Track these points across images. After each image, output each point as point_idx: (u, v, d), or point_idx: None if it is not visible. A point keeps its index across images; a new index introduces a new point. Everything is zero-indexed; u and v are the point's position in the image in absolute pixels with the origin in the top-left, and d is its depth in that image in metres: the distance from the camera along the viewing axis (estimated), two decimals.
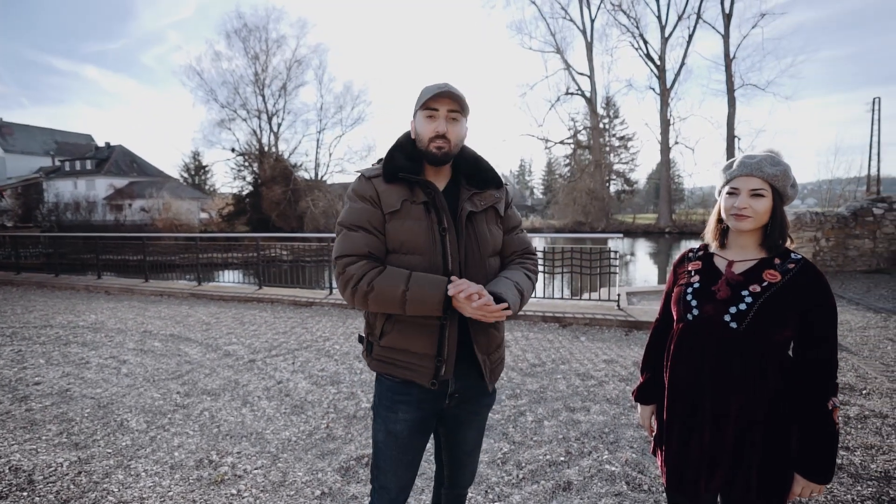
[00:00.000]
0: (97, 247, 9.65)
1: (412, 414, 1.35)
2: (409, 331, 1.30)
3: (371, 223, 1.30)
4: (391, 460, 1.37)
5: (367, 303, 1.25)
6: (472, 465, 1.53)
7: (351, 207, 1.33)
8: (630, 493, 2.24)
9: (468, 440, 1.48)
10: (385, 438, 1.37)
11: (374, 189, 1.32)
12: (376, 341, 1.36)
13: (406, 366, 1.32)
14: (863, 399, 3.26)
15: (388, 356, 1.34)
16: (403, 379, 1.33)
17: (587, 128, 37.90)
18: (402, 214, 1.30)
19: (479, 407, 1.45)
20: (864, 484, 2.27)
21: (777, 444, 1.20)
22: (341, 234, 1.32)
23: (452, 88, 1.30)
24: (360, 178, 1.36)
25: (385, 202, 1.30)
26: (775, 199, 1.23)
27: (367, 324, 1.41)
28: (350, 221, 1.31)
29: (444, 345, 1.29)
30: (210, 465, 2.54)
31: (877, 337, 4.71)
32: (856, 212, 9.06)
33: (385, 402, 1.37)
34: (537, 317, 5.62)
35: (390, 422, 1.36)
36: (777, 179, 1.21)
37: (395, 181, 1.32)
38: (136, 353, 4.57)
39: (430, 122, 1.31)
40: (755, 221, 1.23)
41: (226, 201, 39.56)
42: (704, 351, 1.25)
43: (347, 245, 1.29)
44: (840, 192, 27.39)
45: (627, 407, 3.19)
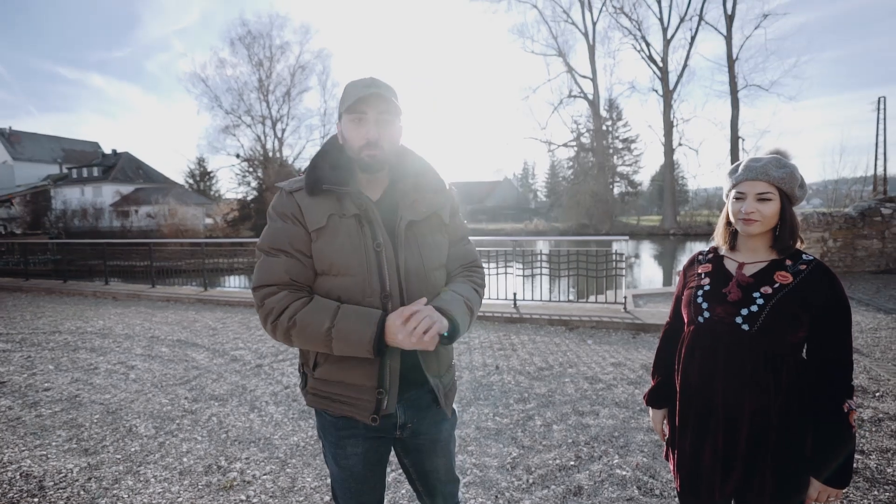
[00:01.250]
0: (105, 253, 9.73)
1: (361, 447, 1.23)
2: (346, 361, 1.15)
3: (293, 245, 1.14)
4: (349, 493, 1.27)
5: (291, 339, 1.11)
6: (450, 490, 1.40)
7: (270, 228, 1.17)
8: (642, 497, 2.22)
9: (438, 468, 1.35)
10: (339, 473, 1.26)
11: (297, 204, 1.16)
12: (310, 373, 1.21)
13: (343, 400, 1.18)
14: (876, 401, 3.21)
15: (323, 390, 1.20)
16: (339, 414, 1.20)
17: (590, 130, 37.90)
18: (330, 231, 1.14)
19: (437, 433, 1.31)
20: (881, 489, 2.23)
21: (791, 448, 1.19)
22: (260, 259, 1.17)
23: (381, 87, 1.15)
24: (279, 192, 1.20)
25: (309, 219, 1.14)
26: (783, 201, 1.22)
27: (301, 353, 1.26)
28: (269, 245, 1.15)
29: (384, 375, 1.15)
30: (219, 470, 2.54)
31: (888, 338, 4.66)
32: (863, 212, 8.98)
33: (330, 437, 1.24)
34: (543, 320, 5.60)
35: (340, 458, 1.24)
36: (783, 182, 1.20)
37: (320, 193, 1.16)
38: (144, 359, 4.59)
39: (358, 127, 1.16)
40: (763, 225, 1.22)
41: (230, 207, 39.79)
42: (716, 353, 1.23)
43: (266, 273, 1.14)
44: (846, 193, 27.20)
45: (637, 410, 3.16)
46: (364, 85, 1.15)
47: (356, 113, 1.15)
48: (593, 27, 35.29)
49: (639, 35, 34.29)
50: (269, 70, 37.40)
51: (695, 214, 36.87)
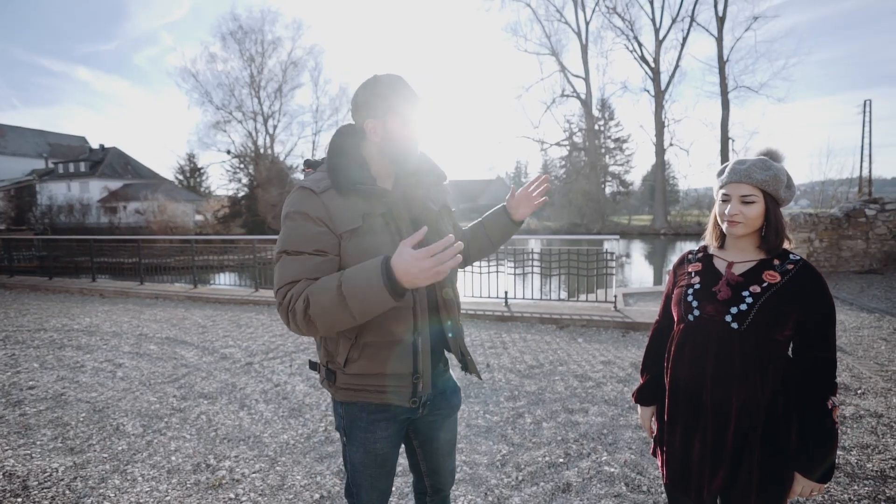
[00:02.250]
0: (91, 249, 9.58)
1: (391, 430, 1.29)
2: (380, 353, 1.19)
3: (317, 246, 1.13)
4: (371, 478, 1.33)
5: (312, 322, 1.07)
6: (450, 467, 1.49)
7: (292, 229, 1.14)
8: (629, 494, 2.24)
9: (443, 445, 1.43)
10: (364, 459, 1.31)
11: (324, 206, 1.14)
12: (340, 370, 1.23)
13: (381, 390, 1.23)
14: (858, 399, 3.28)
15: (357, 384, 1.23)
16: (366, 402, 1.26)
17: (582, 130, 38.06)
18: (365, 230, 1.16)
19: (449, 410, 1.41)
20: (861, 483, 2.28)
21: (776, 444, 1.21)
22: (282, 259, 1.14)
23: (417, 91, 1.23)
24: (304, 191, 1.17)
25: (340, 220, 1.14)
26: (768, 203, 1.23)
27: (324, 350, 1.26)
28: (293, 245, 1.13)
29: (418, 360, 1.21)
30: (208, 469, 2.52)
31: (871, 337, 4.75)
32: (849, 213, 9.14)
33: (361, 423, 1.28)
34: (534, 318, 5.63)
35: (369, 442, 1.28)
36: (767, 184, 1.22)
37: (350, 194, 1.17)
38: (132, 357, 4.54)
39: (411, 128, 1.22)
40: (746, 227, 1.24)
41: (221, 203, 39.39)
42: (706, 351, 1.25)
43: (287, 273, 1.12)
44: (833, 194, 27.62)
45: (626, 408, 3.19)
46: (411, 91, 1.22)
47: (409, 117, 1.21)
48: (586, 27, 35.43)
49: (631, 35, 34.51)
50: (261, 66, 37.04)
51: (685, 214, 37.19)
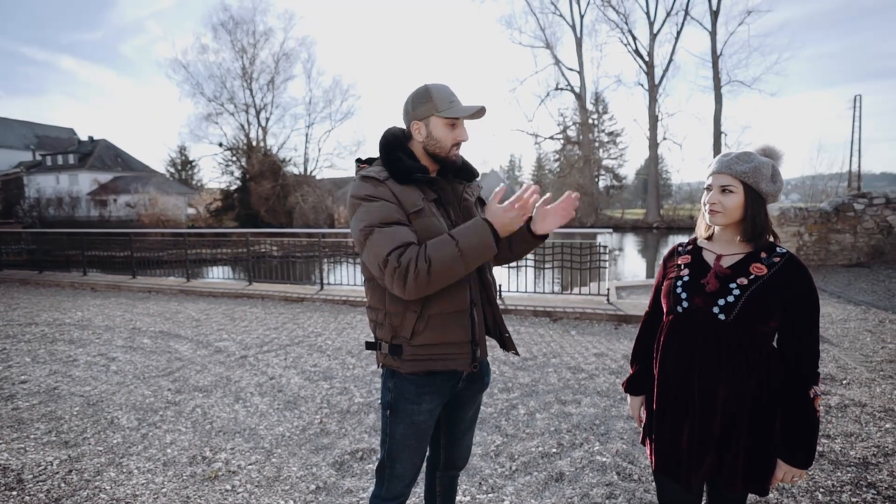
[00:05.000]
0: (82, 243, 9.48)
1: (435, 402, 1.41)
2: (445, 323, 1.34)
3: (400, 217, 1.30)
4: (410, 449, 1.42)
5: (430, 280, 1.22)
6: (468, 441, 1.62)
7: (372, 207, 1.29)
8: (621, 482, 2.29)
9: (466, 419, 1.57)
10: (406, 430, 1.41)
11: (390, 191, 1.32)
12: (406, 342, 1.35)
13: (445, 357, 1.36)
14: (843, 389, 3.36)
15: (424, 353, 1.35)
16: (432, 371, 1.37)
17: (576, 123, 38.05)
18: (425, 213, 1.33)
19: (480, 386, 1.54)
20: (844, 470, 2.35)
21: (761, 432, 1.25)
22: (374, 233, 1.26)
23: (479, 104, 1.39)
24: (370, 180, 1.33)
25: (406, 203, 1.32)
26: (747, 195, 1.26)
27: (389, 327, 1.36)
28: (381, 219, 1.27)
29: (475, 328, 1.38)
30: (203, 461, 2.54)
31: (857, 329, 4.85)
32: (837, 207, 9.25)
33: (408, 395, 1.39)
34: (528, 311, 5.67)
35: (415, 414, 1.39)
36: (747, 176, 1.24)
37: (408, 182, 1.34)
38: (125, 351, 4.52)
39: (452, 130, 1.38)
40: (725, 217, 1.28)
41: (213, 197, 39.05)
42: (694, 342, 1.28)
43: (390, 239, 1.25)
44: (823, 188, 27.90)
45: (618, 399, 3.24)
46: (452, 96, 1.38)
47: (452, 119, 1.37)
48: (581, 20, 35.38)
49: (625, 28, 34.43)
50: (253, 57, 36.54)
51: (678, 208, 37.44)
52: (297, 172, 37.73)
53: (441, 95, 1.37)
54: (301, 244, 9.17)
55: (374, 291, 1.39)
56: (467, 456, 1.64)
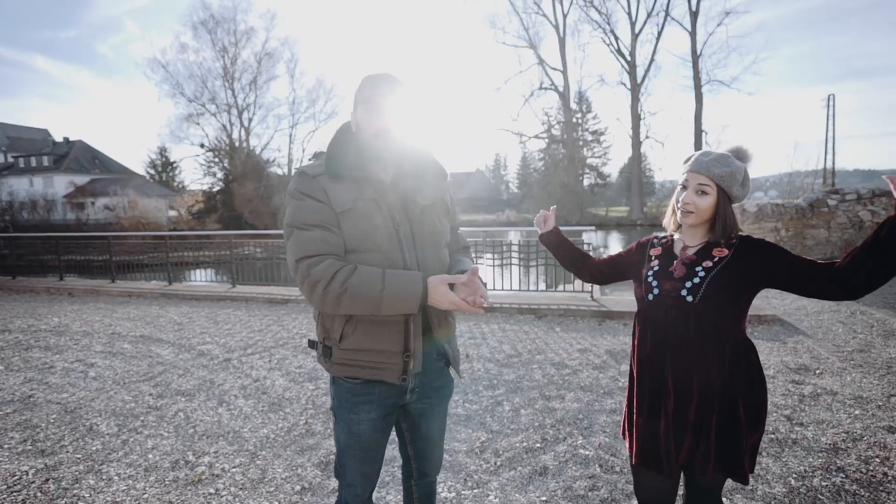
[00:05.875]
0: (58, 247, 9.24)
1: (375, 413, 1.33)
2: (374, 330, 1.26)
3: (325, 220, 1.22)
4: (355, 459, 1.37)
5: (339, 305, 1.18)
6: (438, 453, 1.54)
7: (299, 206, 1.23)
8: (603, 475, 2.33)
9: (432, 431, 1.48)
10: (347, 440, 1.35)
11: (321, 188, 1.24)
12: (335, 345, 1.30)
13: (373, 366, 1.29)
14: (816, 378, 3.47)
15: (351, 359, 1.29)
16: (367, 379, 1.31)
17: (560, 122, 38.41)
18: (356, 213, 1.24)
19: (439, 398, 1.45)
20: (815, 456, 2.43)
21: (730, 417, 1.29)
22: (293, 235, 1.22)
23: (396, 81, 1.26)
24: (302, 175, 1.27)
25: (335, 201, 1.23)
26: (720, 197, 1.31)
27: (321, 327, 1.33)
28: (303, 221, 1.22)
29: (409, 339, 1.28)
30: (186, 465, 2.51)
31: (830, 320, 5.00)
32: (812, 203, 9.52)
33: (346, 404, 1.34)
34: (513, 309, 5.72)
35: (353, 423, 1.33)
36: (723, 180, 1.30)
37: (343, 179, 1.25)
38: (105, 356, 4.43)
39: (374, 116, 1.25)
40: (697, 217, 1.33)
41: (195, 198, 38.33)
42: (666, 326, 1.33)
43: (305, 245, 1.20)
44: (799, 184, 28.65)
45: (601, 393, 3.30)
46: (380, 79, 1.26)
47: (369, 103, 1.25)
48: (564, 19, 35.63)
49: (608, 29, 34.88)
50: (234, 56, 36.00)
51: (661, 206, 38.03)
52: (281, 173, 37.31)
53: (370, 81, 1.26)
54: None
55: None
56: (439, 465, 1.57)
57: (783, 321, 5.02)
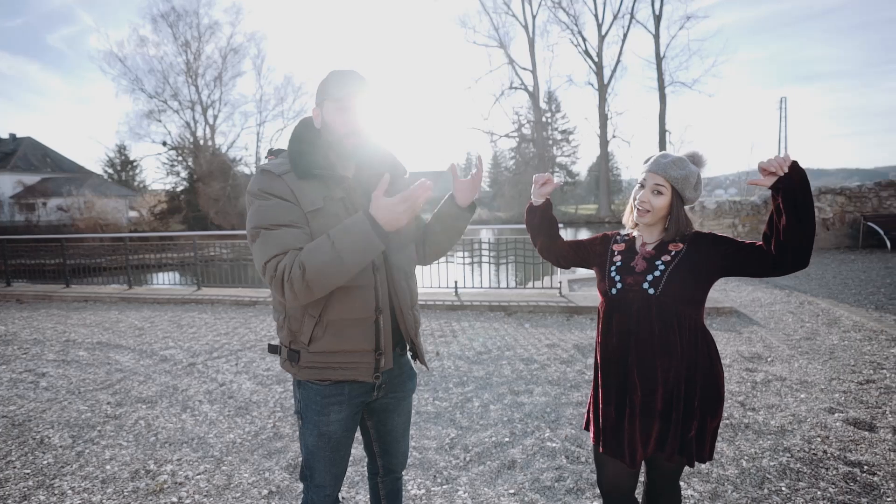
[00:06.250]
0: (5, 251, 8.72)
1: (344, 412, 1.33)
2: (344, 331, 1.26)
3: (292, 219, 1.19)
4: (325, 461, 1.36)
5: (310, 285, 1.13)
6: (403, 448, 1.55)
7: (265, 206, 1.20)
8: (569, 465, 2.40)
9: (397, 426, 1.49)
10: (317, 441, 1.34)
11: (287, 186, 1.21)
12: (304, 349, 1.28)
13: (345, 366, 1.28)
14: (767, 366, 3.67)
15: (321, 361, 1.28)
16: (337, 380, 1.30)
17: (530, 121, 38.95)
18: (326, 212, 1.22)
19: (404, 393, 1.47)
20: (765, 438, 2.58)
21: (690, 404, 1.35)
22: (260, 236, 1.18)
23: (364, 81, 1.25)
24: (266, 174, 1.23)
25: (304, 200, 1.21)
26: (674, 198, 1.39)
27: (287, 331, 1.30)
28: (270, 221, 1.18)
29: (380, 337, 1.29)
30: (147, 474, 2.43)
31: (781, 311, 5.29)
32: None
33: (315, 406, 1.32)
34: (484, 307, 5.78)
35: (322, 425, 1.32)
36: (678, 182, 1.37)
37: (311, 177, 1.23)
38: (58, 365, 4.22)
39: (342, 115, 1.23)
40: (653, 216, 1.40)
41: (158, 198, 36.85)
42: (629, 318, 1.39)
43: (272, 245, 1.16)
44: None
45: (568, 387, 3.38)
46: (350, 77, 1.24)
47: (341, 102, 1.23)
48: (533, 20, 36.12)
49: (575, 30, 35.57)
50: (198, 51, 34.80)
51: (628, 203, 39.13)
52: (248, 172, 36.34)
53: (337, 78, 1.24)
54: None
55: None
56: (405, 460, 1.58)
57: (739, 313, 5.28)
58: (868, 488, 2.12)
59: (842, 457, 2.36)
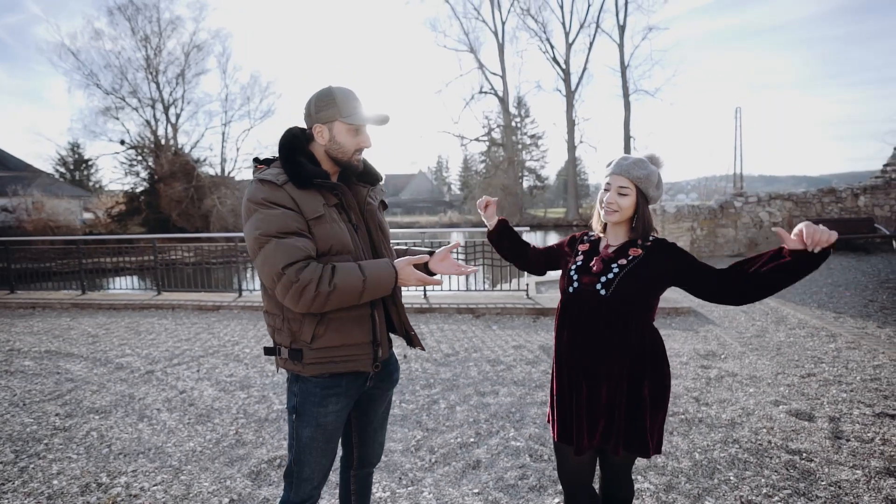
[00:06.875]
0: None
1: (341, 403, 1.42)
2: (345, 326, 1.35)
3: (299, 226, 1.28)
4: (317, 452, 1.42)
5: (328, 302, 1.25)
6: (380, 439, 1.64)
7: (270, 215, 1.26)
8: (532, 463, 2.46)
9: (377, 417, 1.59)
10: (313, 433, 1.40)
11: (289, 196, 1.29)
12: (306, 346, 1.35)
13: (346, 359, 1.38)
14: (720, 362, 3.86)
15: (325, 356, 1.36)
16: (335, 373, 1.38)
17: (500, 126, 39.43)
18: (326, 219, 1.32)
19: (389, 383, 1.57)
20: (716, 431, 2.72)
21: (636, 400, 1.42)
22: (270, 244, 1.24)
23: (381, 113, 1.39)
24: (267, 184, 1.30)
25: (305, 209, 1.30)
26: (639, 197, 1.45)
27: (287, 332, 1.36)
28: (279, 229, 1.25)
29: (376, 329, 1.40)
30: (99, 488, 2.33)
31: (735, 310, 5.58)
32: (722, 205, 10.53)
33: (314, 399, 1.39)
34: (452, 309, 5.82)
35: (320, 416, 1.39)
36: (641, 181, 1.43)
37: (308, 187, 1.32)
38: (0, 376, 3.98)
39: (355, 136, 1.38)
40: (620, 215, 1.45)
41: (116, 199, 35.09)
42: (581, 317, 1.45)
43: (288, 252, 1.23)
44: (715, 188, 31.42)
45: (532, 387, 3.46)
46: (361, 100, 1.39)
47: (357, 128, 1.37)
48: (502, 26, 36.61)
49: (544, 37, 36.25)
50: (159, 47, 33.38)
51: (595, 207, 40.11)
52: (213, 173, 35.14)
53: (346, 100, 1.36)
54: (218, 250, 8.61)
55: (271, 297, 1.36)
56: (380, 453, 1.66)
57: (697, 312, 5.52)
58: (806, 474, 2.27)
59: (784, 446, 2.52)
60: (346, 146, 1.37)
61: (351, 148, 1.38)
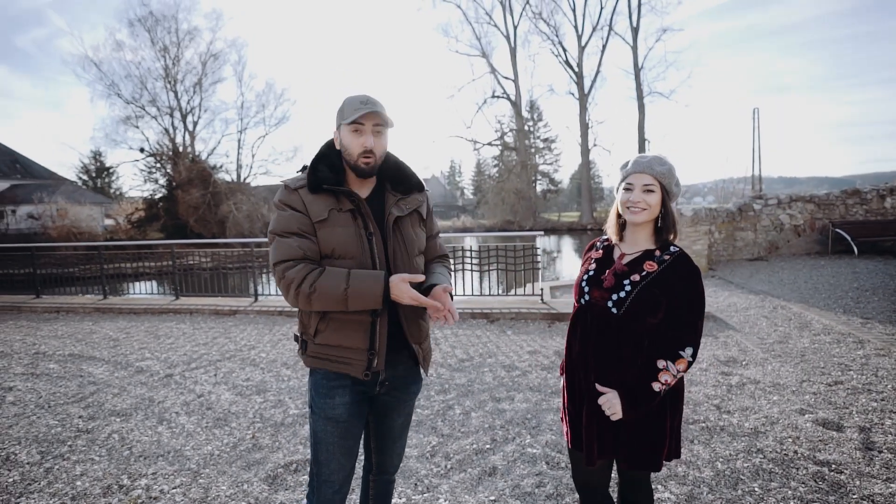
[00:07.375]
0: None
1: (348, 396, 1.43)
2: (343, 328, 1.38)
3: (301, 228, 1.37)
4: (333, 447, 1.43)
5: (311, 303, 1.32)
6: (399, 449, 1.63)
7: (279, 216, 1.39)
8: (549, 471, 2.42)
9: (396, 426, 1.58)
10: (325, 426, 1.42)
11: (300, 199, 1.38)
12: (311, 340, 1.43)
13: (340, 360, 1.40)
14: (742, 369, 3.77)
15: (322, 353, 1.42)
16: (330, 370, 1.42)
17: (513, 130, 39.38)
18: (331, 223, 1.37)
19: (407, 395, 1.55)
20: (739, 440, 2.64)
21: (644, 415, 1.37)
22: (274, 241, 1.38)
23: (377, 105, 1.38)
24: (284, 188, 1.42)
25: (312, 212, 1.37)
26: (663, 194, 1.40)
27: (300, 323, 1.47)
28: (281, 229, 1.37)
29: (375, 339, 1.39)
30: (120, 490, 2.36)
31: (756, 315, 5.44)
32: (741, 207, 10.33)
33: (321, 389, 1.43)
34: (466, 314, 5.80)
35: (329, 408, 1.42)
36: (664, 177, 1.39)
37: (320, 191, 1.39)
38: (26, 378, 4.08)
39: (357, 137, 1.38)
40: (649, 214, 1.40)
41: (135, 206, 35.95)
42: (591, 331, 1.42)
43: (282, 251, 1.35)
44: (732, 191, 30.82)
45: (548, 393, 3.42)
46: (361, 101, 1.37)
47: (355, 124, 1.37)
48: (514, 30, 36.67)
49: (556, 40, 36.21)
50: (177, 57, 34.27)
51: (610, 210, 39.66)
52: (229, 180, 35.78)
53: (349, 104, 1.39)
54: (234, 255, 8.74)
55: None
56: (399, 462, 1.65)
57: (716, 317, 5.41)
58: (835, 486, 2.19)
59: (811, 456, 2.44)
60: (351, 148, 1.39)
61: (355, 150, 1.38)
